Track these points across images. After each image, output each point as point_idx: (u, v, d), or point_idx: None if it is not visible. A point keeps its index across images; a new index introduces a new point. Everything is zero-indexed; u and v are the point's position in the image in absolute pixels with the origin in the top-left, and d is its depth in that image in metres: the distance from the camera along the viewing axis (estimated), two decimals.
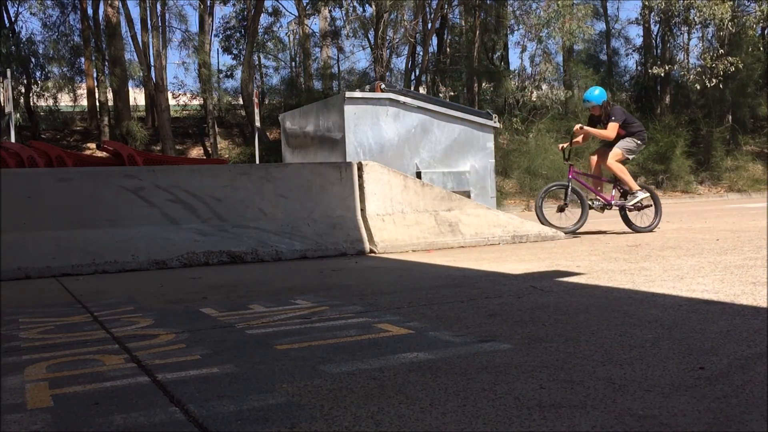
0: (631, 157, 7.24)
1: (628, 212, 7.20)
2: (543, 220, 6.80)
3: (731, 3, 21.30)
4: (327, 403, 1.67)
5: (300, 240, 5.84)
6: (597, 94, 7.19)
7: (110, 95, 22.37)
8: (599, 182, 7.40)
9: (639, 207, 7.17)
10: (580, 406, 1.57)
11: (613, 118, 7.09)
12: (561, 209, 7.05)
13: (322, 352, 2.23)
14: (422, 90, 22.77)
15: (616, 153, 7.13)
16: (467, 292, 3.41)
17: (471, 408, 1.59)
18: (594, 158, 7.39)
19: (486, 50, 23.81)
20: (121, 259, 5.26)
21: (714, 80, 21.81)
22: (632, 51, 27.80)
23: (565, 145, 7.25)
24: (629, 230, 7.17)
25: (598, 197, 7.23)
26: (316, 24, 26.33)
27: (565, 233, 6.76)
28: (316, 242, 5.86)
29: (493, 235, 6.45)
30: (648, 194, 7.21)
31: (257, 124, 15.00)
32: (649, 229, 7.11)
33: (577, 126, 7.24)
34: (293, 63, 26.31)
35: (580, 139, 7.32)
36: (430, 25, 22.97)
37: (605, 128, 7.14)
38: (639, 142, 7.21)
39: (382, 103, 8.00)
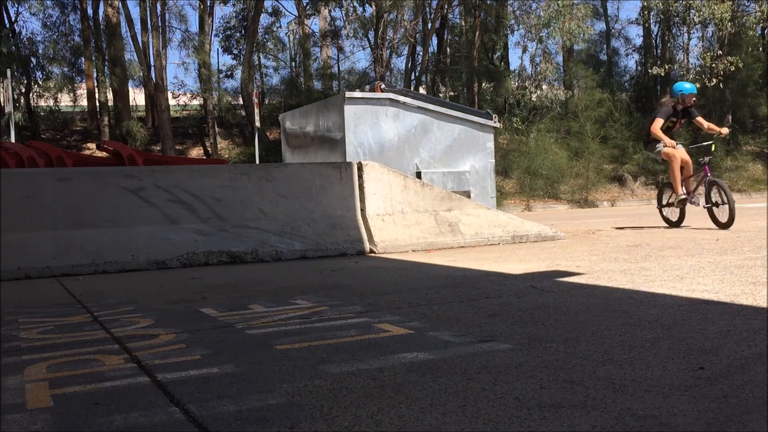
0: None
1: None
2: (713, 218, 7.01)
3: (731, 3, 21.29)
4: (327, 403, 1.67)
5: (300, 240, 5.84)
6: (689, 86, 7.47)
7: (110, 95, 22.38)
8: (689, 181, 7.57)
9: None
10: (580, 406, 1.57)
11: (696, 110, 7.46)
12: (716, 205, 7.11)
13: (322, 352, 2.23)
14: (422, 90, 22.77)
15: None
16: (467, 292, 3.41)
17: (471, 408, 1.59)
18: (686, 158, 7.54)
19: (486, 50, 23.81)
20: (121, 259, 5.26)
21: (714, 80, 21.80)
22: (632, 51, 27.83)
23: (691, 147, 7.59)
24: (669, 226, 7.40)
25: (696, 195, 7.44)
26: (316, 24, 26.33)
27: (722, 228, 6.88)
28: (316, 242, 5.86)
29: (493, 235, 6.45)
30: None
31: (257, 124, 15.01)
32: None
33: (711, 125, 7.46)
34: (293, 63, 26.31)
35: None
36: (430, 25, 22.97)
37: (684, 121, 7.49)
38: None
39: (382, 103, 8.00)
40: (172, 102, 23.13)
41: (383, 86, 8.32)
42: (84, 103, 23.28)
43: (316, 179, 6.09)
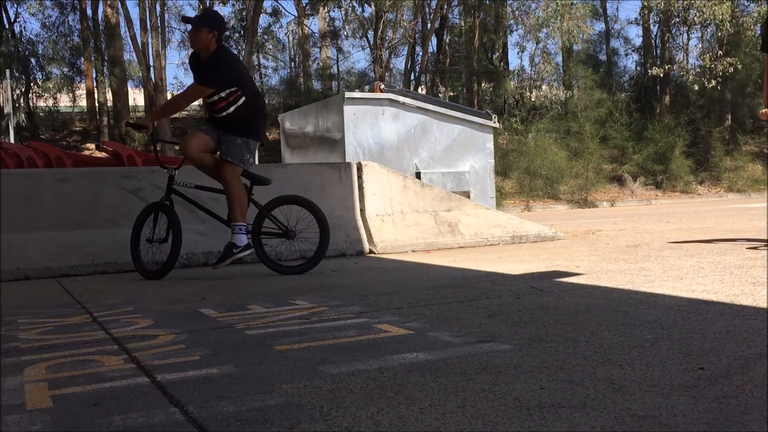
0: None
1: None
2: None
3: (731, 3, 21.31)
4: (326, 403, 1.67)
5: (299, 240, 5.82)
6: None
7: (109, 96, 22.38)
8: None
9: None
10: (580, 406, 1.57)
11: None
12: None
13: (321, 353, 2.23)
14: (422, 90, 22.78)
15: None
16: (467, 293, 3.41)
17: (471, 408, 1.59)
18: None
19: (485, 50, 23.83)
20: (120, 259, 5.25)
21: (713, 80, 21.81)
22: (632, 51, 27.85)
23: None
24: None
25: None
26: (315, 24, 26.34)
27: None
28: (316, 242, 5.84)
29: (492, 236, 6.45)
30: None
31: None
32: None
33: None
34: (292, 63, 26.33)
35: None
36: (429, 26, 22.98)
37: None
38: None
39: (382, 104, 8.00)
40: None
41: (383, 86, 8.33)
42: (83, 103, 23.29)
43: (316, 179, 6.09)
